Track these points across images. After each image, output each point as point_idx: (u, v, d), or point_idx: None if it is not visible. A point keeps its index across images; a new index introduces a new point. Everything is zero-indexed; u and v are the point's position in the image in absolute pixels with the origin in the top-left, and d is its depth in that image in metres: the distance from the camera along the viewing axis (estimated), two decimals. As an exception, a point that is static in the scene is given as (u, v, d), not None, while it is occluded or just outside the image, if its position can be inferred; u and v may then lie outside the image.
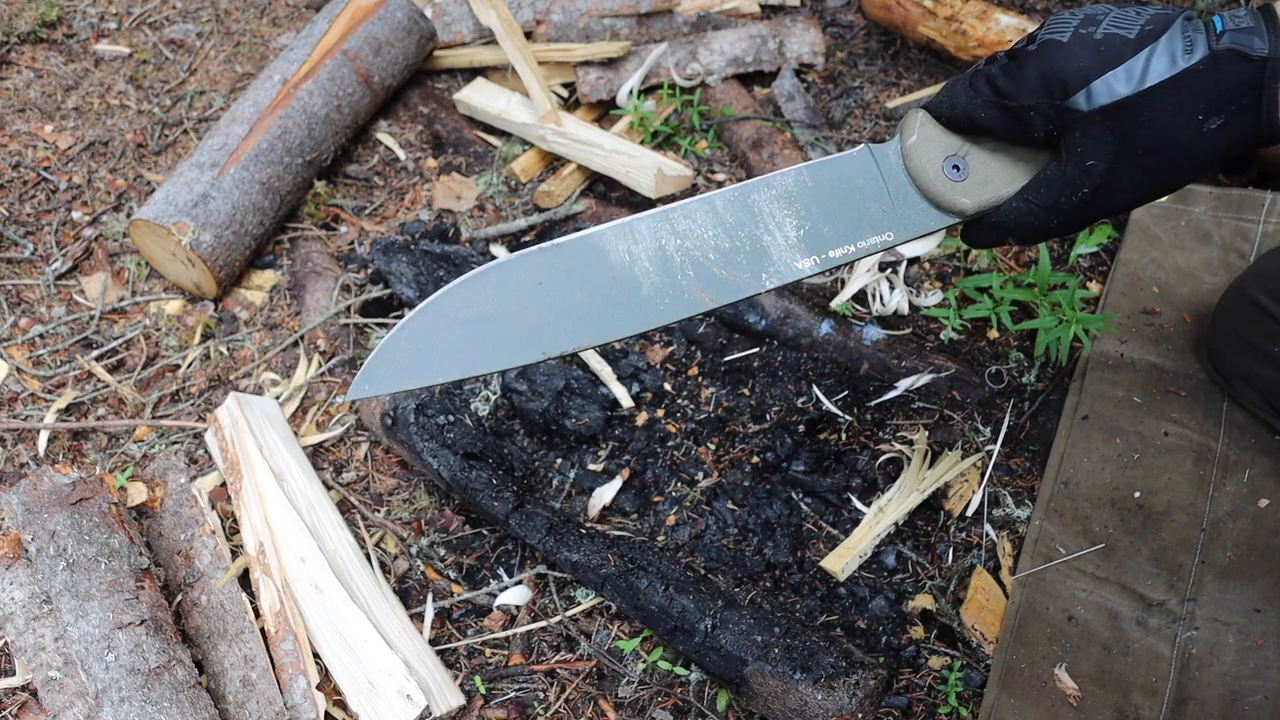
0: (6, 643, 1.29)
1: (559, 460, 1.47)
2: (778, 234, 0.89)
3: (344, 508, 1.45)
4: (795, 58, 2.02)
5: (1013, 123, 0.85)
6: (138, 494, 1.43)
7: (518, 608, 1.34)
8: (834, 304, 1.58)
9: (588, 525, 1.37)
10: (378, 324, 1.65)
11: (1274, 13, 0.77)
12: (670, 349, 1.59)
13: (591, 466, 1.46)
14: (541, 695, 1.26)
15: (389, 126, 2.02)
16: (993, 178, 0.89)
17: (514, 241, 1.79)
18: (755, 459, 1.44)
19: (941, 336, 1.56)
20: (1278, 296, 1.29)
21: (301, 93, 1.80)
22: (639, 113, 1.89)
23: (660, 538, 1.38)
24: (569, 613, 1.33)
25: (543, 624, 1.32)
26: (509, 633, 1.32)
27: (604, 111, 2.01)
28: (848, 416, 1.47)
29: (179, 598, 1.32)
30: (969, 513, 1.37)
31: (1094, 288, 1.60)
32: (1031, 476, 1.41)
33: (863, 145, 0.92)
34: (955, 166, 0.89)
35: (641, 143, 1.89)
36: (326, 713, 1.22)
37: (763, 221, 0.89)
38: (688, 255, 0.88)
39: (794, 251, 0.89)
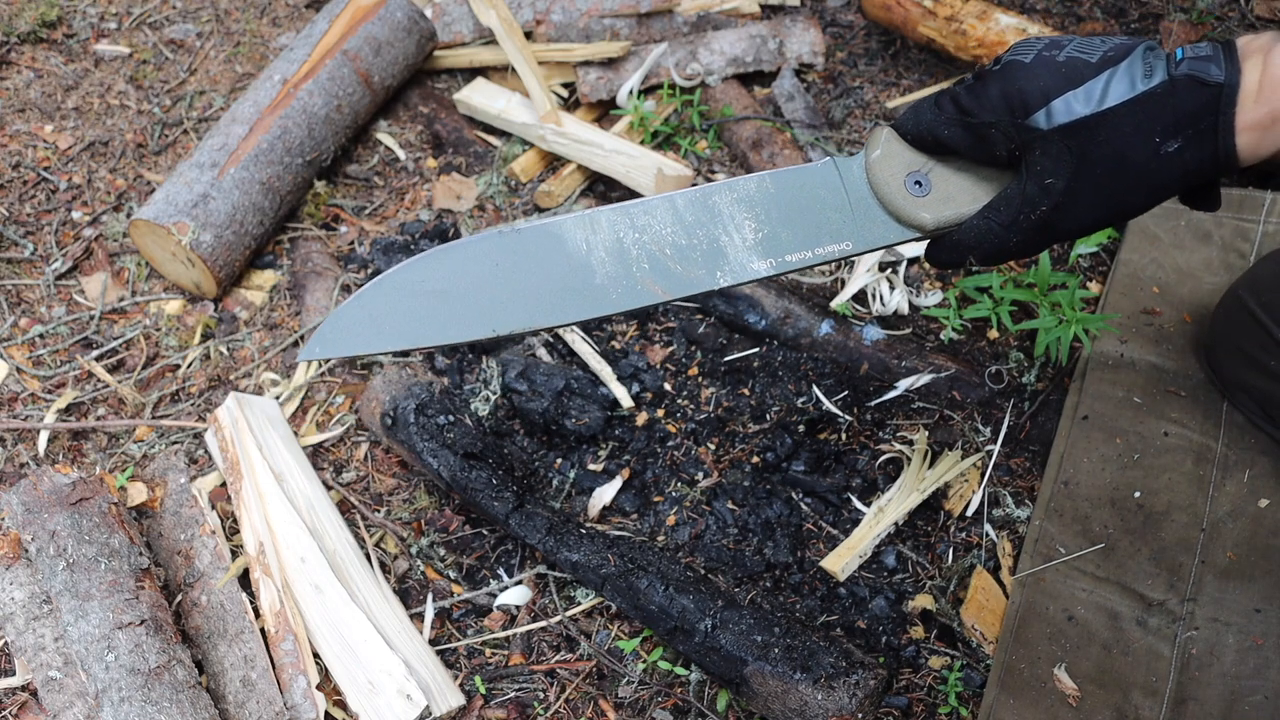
0: (6, 643, 1.29)
1: (559, 460, 1.47)
2: (735, 235, 0.90)
3: (344, 508, 1.45)
4: (795, 58, 2.02)
5: (975, 140, 0.86)
6: (138, 494, 1.43)
7: (518, 608, 1.34)
8: (834, 304, 1.58)
9: (588, 525, 1.37)
10: (378, 324, 1.65)
11: (1233, 46, 0.79)
12: (670, 349, 1.59)
13: (591, 466, 1.46)
14: (541, 695, 1.26)
15: (389, 126, 2.02)
16: (954, 195, 0.90)
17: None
18: (755, 459, 1.44)
19: (941, 336, 1.56)
20: (1271, 309, 1.29)
21: (301, 93, 1.80)
22: (639, 113, 1.89)
23: (660, 538, 1.38)
24: (569, 613, 1.33)
25: (543, 624, 1.32)
26: (509, 633, 1.32)
27: (604, 111, 2.01)
28: (848, 416, 1.47)
29: (179, 598, 1.32)
30: (969, 513, 1.37)
31: (1094, 288, 1.60)
32: (1031, 476, 1.41)
33: (827, 158, 0.93)
34: (918, 182, 0.90)
35: (641, 143, 1.89)
36: (326, 713, 1.22)
37: (721, 222, 0.91)
38: (644, 249, 0.89)
39: (750, 253, 0.90)
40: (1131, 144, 0.80)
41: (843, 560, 1.31)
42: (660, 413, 1.51)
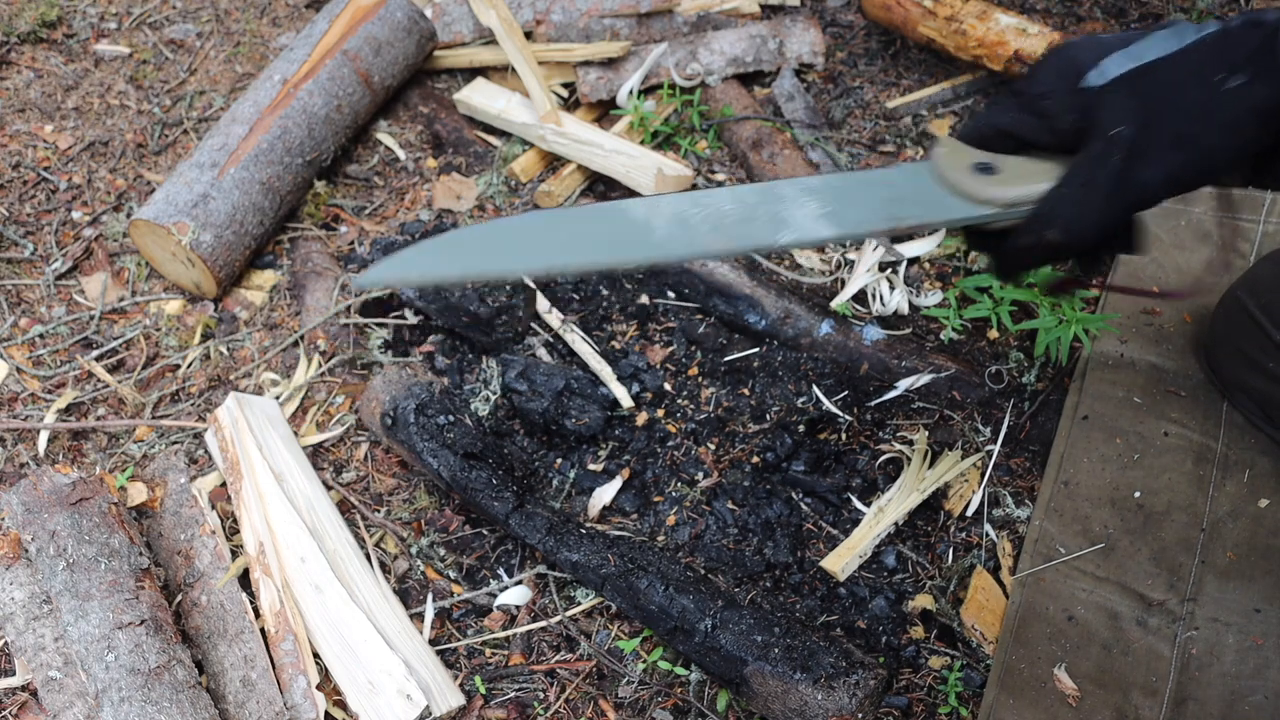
0: (6, 643, 1.29)
1: (559, 460, 1.47)
2: (799, 211, 0.88)
3: (344, 508, 1.45)
4: (795, 58, 2.02)
5: (1035, 118, 0.84)
6: (138, 494, 1.43)
7: (518, 608, 1.34)
8: (834, 304, 1.58)
9: (588, 525, 1.37)
10: (378, 324, 1.65)
11: None
12: (670, 349, 1.59)
13: (591, 466, 1.46)
14: (541, 695, 1.26)
15: (389, 126, 2.02)
16: (1026, 175, 0.87)
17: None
18: (755, 459, 1.44)
19: (941, 336, 1.56)
20: (1269, 311, 1.29)
21: (301, 93, 1.80)
22: (639, 113, 1.89)
23: (660, 538, 1.38)
24: (569, 613, 1.33)
25: (543, 624, 1.32)
26: (509, 633, 1.32)
27: (604, 111, 2.01)
28: (848, 416, 1.47)
29: (179, 598, 1.32)
30: (969, 513, 1.37)
31: (1094, 288, 1.60)
32: (1031, 476, 1.41)
33: (893, 166, 0.92)
34: (985, 168, 0.87)
35: (641, 143, 1.89)
36: (326, 713, 1.22)
37: (785, 202, 0.89)
38: (706, 219, 0.88)
39: (816, 221, 0.88)
40: (1190, 83, 0.79)
41: (843, 560, 1.31)
42: (660, 413, 1.51)
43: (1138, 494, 1.33)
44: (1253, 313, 1.31)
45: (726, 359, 1.57)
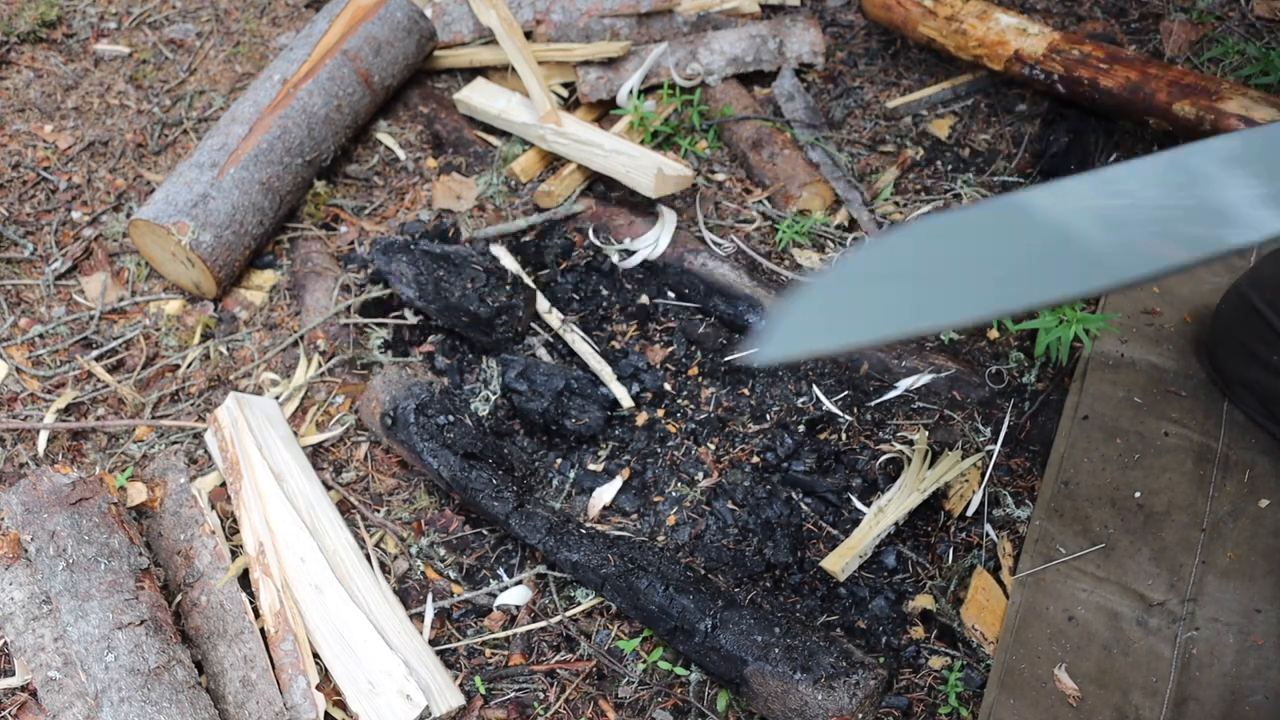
0: (6, 643, 1.29)
1: (559, 460, 1.47)
2: (1231, 194, 0.75)
3: (344, 508, 1.45)
4: (795, 58, 2.02)
5: None
6: (138, 494, 1.43)
7: (518, 608, 1.34)
8: (834, 304, 1.58)
9: (588, 525, 1.37)
10: (377, 324, 1.65)
11: None
12: (670, 349, 1.59)
13: (591, 466, 1.46)
14: (541, 695, 1.26)
15: (389, 126, 2.02)
16: None
17: (514, 241, 1.79)
18: (755, 459, 1.44)
19: (941, 336, 1.56)
20: (1275, 305, 1.29)
21: (301, 93, 1.80)
22: (639, 113, 1.89)
23: (660, 538, 1.38)
24: (569, 613, 1.33)
25: (543, 624, 1.32)
26: (509, 633, 1.32)
27: (604, 111, 2.01)
28: (848, 416, 1.47)
29: (179, 598, 1.32)
30: (969, 513, 1.37)
31: None
32: (1031, 476, 1.41)
33: None
34: None
35: (641, 143, 1.89)
36: (326, 713, 1.22)
37: (1208, 183, 0.75)
38: (1133, 214, 0.74)
39: (1267, 211, 0.73)
40: None
41: (843, 560, 1.31)
42: (660, 413, 1.51)
43: (1138, 494, 1.33)
44: (1258, 307, 1.31)
45: (726, 359, 1.57)
